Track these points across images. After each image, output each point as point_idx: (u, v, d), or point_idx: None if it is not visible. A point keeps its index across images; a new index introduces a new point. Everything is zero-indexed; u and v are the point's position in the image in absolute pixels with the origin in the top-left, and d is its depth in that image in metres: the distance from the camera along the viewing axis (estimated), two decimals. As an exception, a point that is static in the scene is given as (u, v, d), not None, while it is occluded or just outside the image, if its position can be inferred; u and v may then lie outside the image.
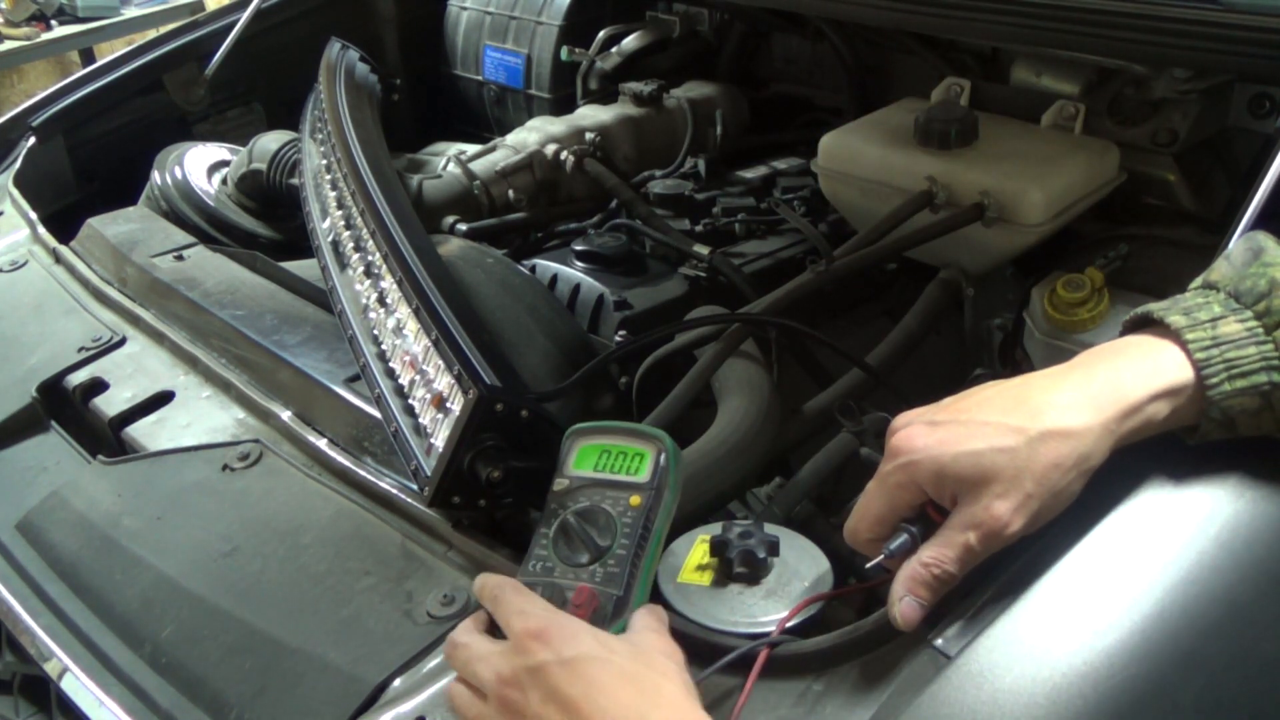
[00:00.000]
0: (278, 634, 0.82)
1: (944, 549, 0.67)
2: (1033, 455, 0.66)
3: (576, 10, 1.84)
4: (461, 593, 0.82)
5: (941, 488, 0.68)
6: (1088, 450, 0.67)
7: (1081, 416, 0.67)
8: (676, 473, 0.78)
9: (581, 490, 0.78)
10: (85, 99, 1.65)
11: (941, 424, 0.70)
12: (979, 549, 0.67)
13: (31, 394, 1.15)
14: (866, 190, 1.33)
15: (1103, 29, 1.14)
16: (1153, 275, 1.10)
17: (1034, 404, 0.68)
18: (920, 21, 1.33)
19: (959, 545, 0.67)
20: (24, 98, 1.72)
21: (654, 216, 1.45)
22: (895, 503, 0.71)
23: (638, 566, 0.74)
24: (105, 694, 0.81)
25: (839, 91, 1.73)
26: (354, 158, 1.26)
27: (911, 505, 0.71)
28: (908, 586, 0.67)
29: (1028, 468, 0.66)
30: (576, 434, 0.81)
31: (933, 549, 0.68)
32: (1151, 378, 0.69)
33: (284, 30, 1.86)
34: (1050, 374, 0.71)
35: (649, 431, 0.80)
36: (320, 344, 1.13)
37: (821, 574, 0.80)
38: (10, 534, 0.98)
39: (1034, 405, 0.68)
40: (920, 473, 0.69)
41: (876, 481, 0.72)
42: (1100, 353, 0.72)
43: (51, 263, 1.38)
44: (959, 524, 0.67)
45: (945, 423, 0.70)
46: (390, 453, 0.95)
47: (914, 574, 0.67)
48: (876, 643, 0.69)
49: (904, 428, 0.71)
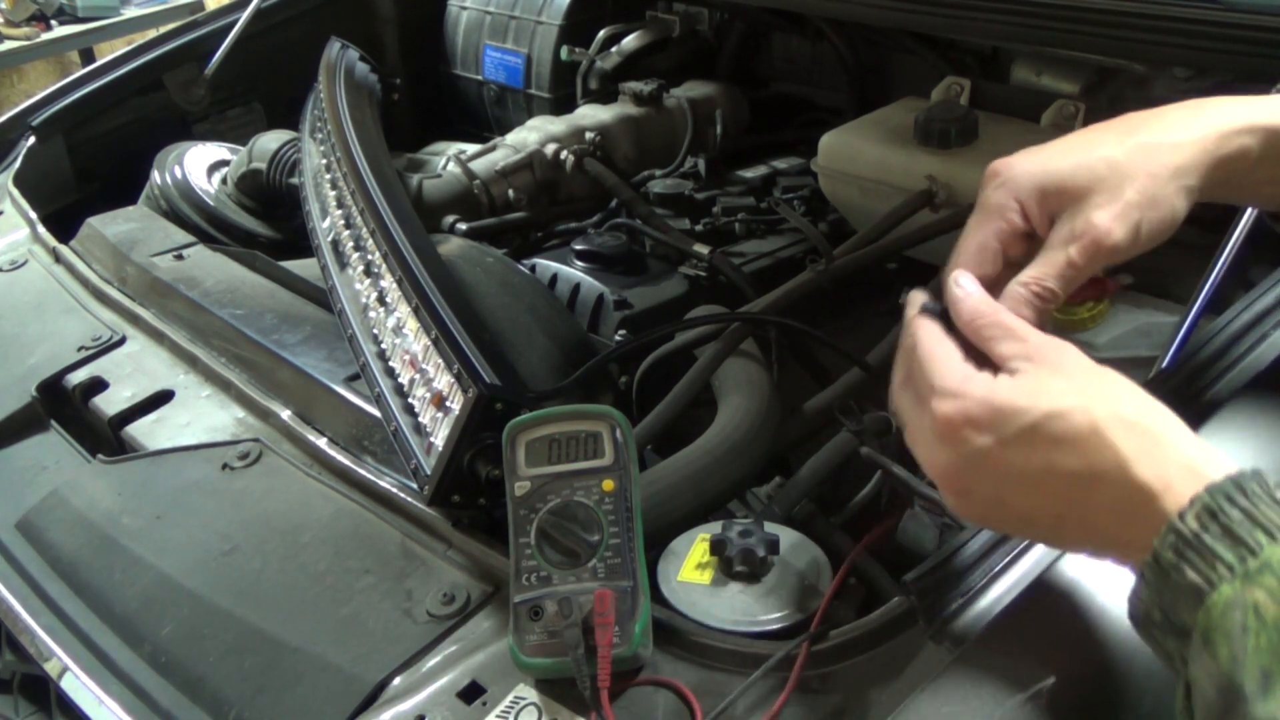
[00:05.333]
0: (277, 633, 0.82)
1: (1045, 267, 0.65)
2: (1132, 162, 0.65)
3: (576, 10, 1.84)
4: (461, 591, 0.82)
5: (1044, 202, 0.67)
6: (1186, 162, 0.66)
7: (1181, 133, 0.67)
8: (634, 441, 0.76)
9: (546, 488, 0.75)
10: (85, 99, 1.65)
11: (1039, 148, 0.69)
12: (1081, 263, 0.65)
13: (31, 393, 1.14)
14: (866, 189, 1.33)
15: (1103, 29, 1.14)
16: (1153, 274, 1.10)
17: (1136, 123, 0.68)
18: (920, 21, 1.33)
19: (1060, 262, 0.65)
20: (24, 98, 1.71)
21: (654, 216, 1.45)
22: (997, 229, 0.68)
23: (634, 550, 0.73)
24: (105, 693, 0.81)
25: (839, 91, 1.73)
26: (354, 157, 1.26)
27: (1011, 234, 0.68)
28: (1012, 307, 0.65)
29: (1128, 174, 0.65)
30: (516, 431, 0.77)
31: (1033, 269, 0.66)
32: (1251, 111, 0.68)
33: (284, 30, 1.86)
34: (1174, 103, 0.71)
35: (592, 410, 0.77)
36: (320, 343, 1.13)
37: (822, 573, 0.80)
38: (10, 533, 0.98)
39: (1136, 123, 0.68)
40: (1020, 188, 0.67)
41: (976, 209, 0.69)
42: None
43: (51, 262, 1.38)
44: (1059, 240, 0.66)
45: (1045, 147, 0.69)
46: (390, 452, 0.95)
47: (1016, 295, 0.65)
48: (877, 641, 0.69)
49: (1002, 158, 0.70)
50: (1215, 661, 0.49)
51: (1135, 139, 0.67)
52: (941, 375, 0.61)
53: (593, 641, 0.70)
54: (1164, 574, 0.52)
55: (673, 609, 0.78)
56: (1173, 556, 0.52)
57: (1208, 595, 0.50)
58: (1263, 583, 0.49)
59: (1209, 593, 0.50)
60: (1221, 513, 0.51)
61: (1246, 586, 0.49)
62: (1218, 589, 0.50)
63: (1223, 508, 0.51)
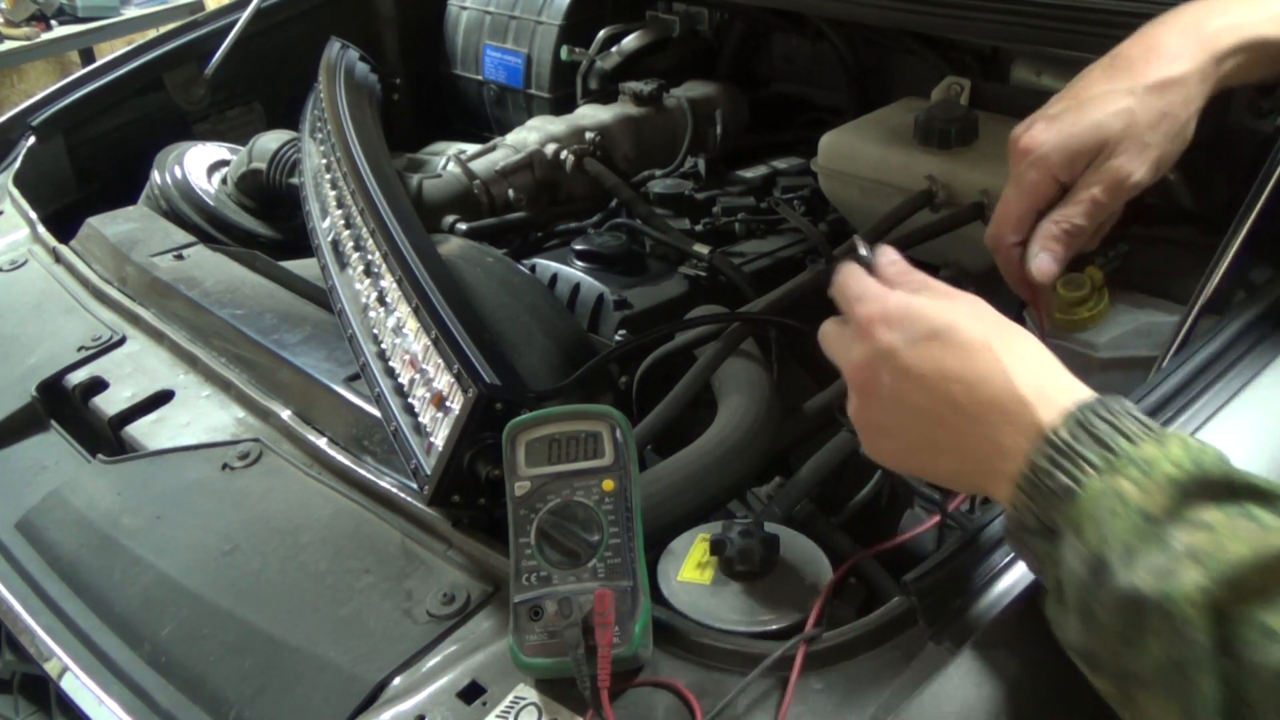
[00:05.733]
0: (277, 633, 0.82)
1: (1072, 205, 0.76)
2: (1145, 109, 0.75)
3: (576, 10, 1.84)
4: (461, 591, 0.82)
5: (1074, 167, 0.77)
6: (1192, 91, 0.76)
7: (1181, 65, 0.76)
8: (633, 441, 0.77)
9: (546, 488, 0.75)
10: (85, 99, 1.65)
11: (1057, 115, 0.78)
12: (1105, 199, 0.76)
13: (31, 393, 1.14)
14: (866, 189, 1.33)
15: (1103, 28, 1.14)
16: (1153, 274, 1.10)
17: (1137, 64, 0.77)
18: (920, 21, 1.33)
19: (1085, 200, 0.76)
20: (24, 98, 1.71)
21: (654, 216, 1.45)
22: (1035, 197, 0.78)
23: (634, 550, 0.73)
24: (105, 693, 0.81)
25: (839, 91, 1.73)
26: (354, 157, 1.26)
27: (1050, 198, 0.78)
28: (1042, 243, 0.77)
29: (1143, 121, 0.75)
30: (516, 431, 0.77)
31: (1063, 208, 0.76)
32: (1241, 28, 0.77)
33: (284, 30, 1.86)
34: (1157, 23, 0.80)
35: (592, 410, 0.77)
36: (320, 343, 1.13)
37: (822, 573, 0.80)
38: (10, 533, 0.98)
39: (1138, 65, 0.77)
40: (1052, 162, 0.76)
41: (1012, 185, 0.78)
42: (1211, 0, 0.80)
43: (51, 262, 1.38)
44: (1085, 183, 0.76)
45: (1060, 113, 0.78)
46: (390, 451, 0.95)
47: (1046, 231, 0.76)
48: (877, 641, 0.69)
49: (1025, 131, 0.79)
50: (1085, 545, 0.56)
51: (1143, 82, 0.76)
52: (864, 287, 0.70)
53: (593, 641, 0.70)
54: (1037, 481, 0.59)
55: (673, 609, 0.78)
56: (1047, 464, 0.59)
57: (1078, 492, 0.57)
58: (1126, 473, 0.56)
59: (1079, 490, 0.57)
60: (1090, 425, 0.59)
61: (1112, 477, 0.56)
62: (1087, 485, 0.57)
63: (1091, 420, 0.59)
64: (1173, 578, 0.52)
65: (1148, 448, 0.57)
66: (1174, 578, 0.52)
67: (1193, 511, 0.54)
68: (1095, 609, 0.55)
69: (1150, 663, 0.53)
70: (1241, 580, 0.51)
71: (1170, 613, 0.51)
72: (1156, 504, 0.55)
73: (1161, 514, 0.54)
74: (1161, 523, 0.54)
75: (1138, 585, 0.53)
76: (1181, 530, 0.53)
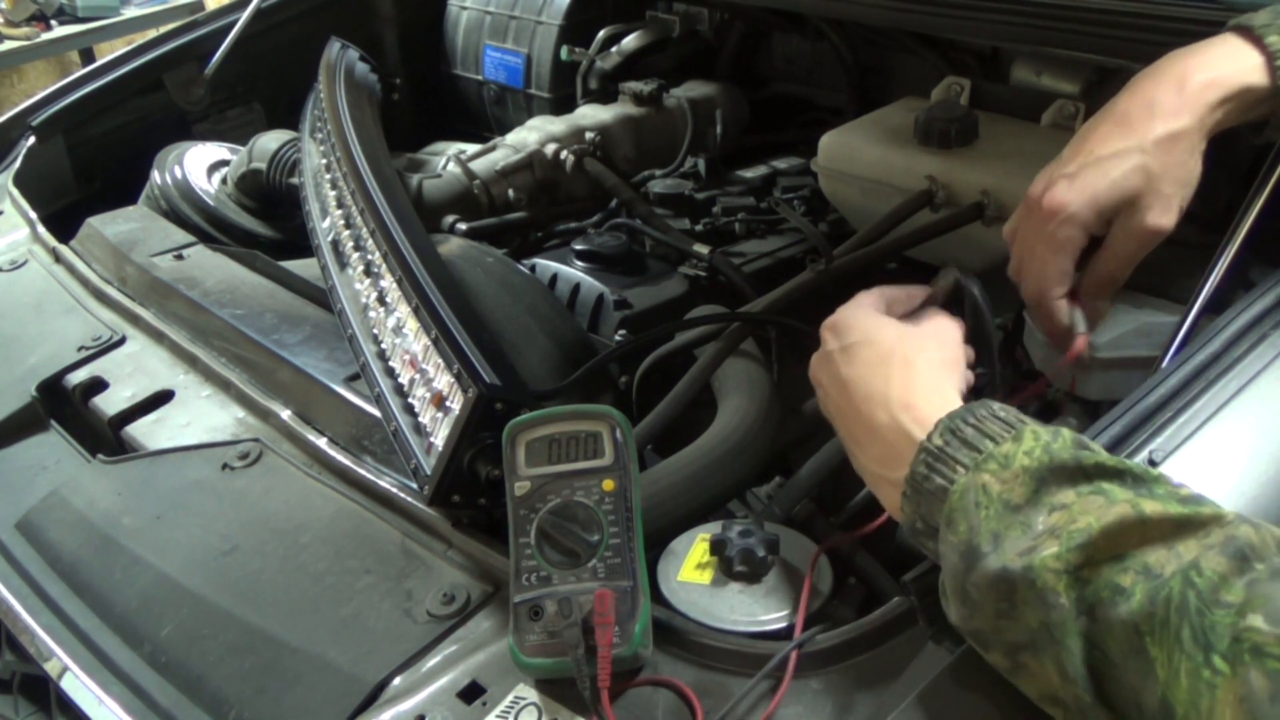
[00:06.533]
0: (277, 633, 0.82)
1: (1113, 261, 0.86)
2: (1158, 163, 0.82)
3: (576, 10, 1.84)
4: (461, 591, 0.82)
5: (1103, 221, 0.84)
6: (1196, 140, 0.83)
7: (1183, 119, 0.83)
8: (633, 441, 0.77)
9: (546, 488, 0.75)
10: (85, 99, 1.65)
11: (1075, 174, 0.84)
12: (1141, 252, 0.86)
13: (31, 393, 1.15)
14: (866, 189, 1.33)
15: (1103, 28, 1.14)
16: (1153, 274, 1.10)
17: (1140, 120, 0.84)
18: (920, 21, 1.33)
19: (1126, 255, 0.85)
20: (24, 98, 1.71)
21: (654, 216, 1.45)
22: (1070, 252, 0.85)
23: (634, 550, 0.73)
24: (105, 693, 0.81)
25: (839, 91, 1.73)
26: (354, 157, 1.26)
27: (1080, 249, 0.85)
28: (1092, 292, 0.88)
29: (1158, 174, 0.83)
30: (516, 431, 0.77)
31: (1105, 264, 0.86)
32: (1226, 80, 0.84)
33: (284, 30, 1.86)
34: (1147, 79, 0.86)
35: (592, 410, 0.77)
36: (320, 343, 1.13)
37: (822, 573, 0.80)
38: (10, 533, 0.98)
39: (1142, 122, 0.84)
40: (1081, 220, 0.84)
41: (1044, 244, 0.86)
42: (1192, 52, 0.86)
43: (51, 262, 1.38)
44: (1122, 239, 0.85)
45: (1078, 171, 0.84)
46: (390, 451, 0.95)
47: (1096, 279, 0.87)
48: (877, 641, 0.69)
49: (1046, 189, 0.85)
50: (957, 535, 0.62)
51: (1150, 138, 0.83)
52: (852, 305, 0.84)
53: (593, 641, 0.70)
54: (918, 485, 0.67)
55: (673, 609, 0.78)
56: (924, 470, 0.66)
57: (950, 490, 0.64)
58: (988, 469, 0.63)
59: (951, 488, 0.64)
60: (959, 430, 0.66)
61: (976, 474, 0.63)
62: (957, 483, 0.64)
63: (959, 427, 0.66)
64: (1035, 553, 0.58)
65: (1006, 445, 0.64)
66: (1036, 553, 0.58)
67: (1049, 495, 0.61)
68: (971, 591, 0.61)
69: (1025, 631, 0.59)
70: (1092, 545, 0.57)
71: (1034, 582, 0.58)
72: (1015, 493, 0.62)
73: (1021, 501, 0.61)
74: (1022, 509, 0.61)
75: (1006, 565, 0.59)
76: (1040, 513, 0.60)
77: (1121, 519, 0.57)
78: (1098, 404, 1.03)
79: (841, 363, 0.78)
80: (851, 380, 0.77)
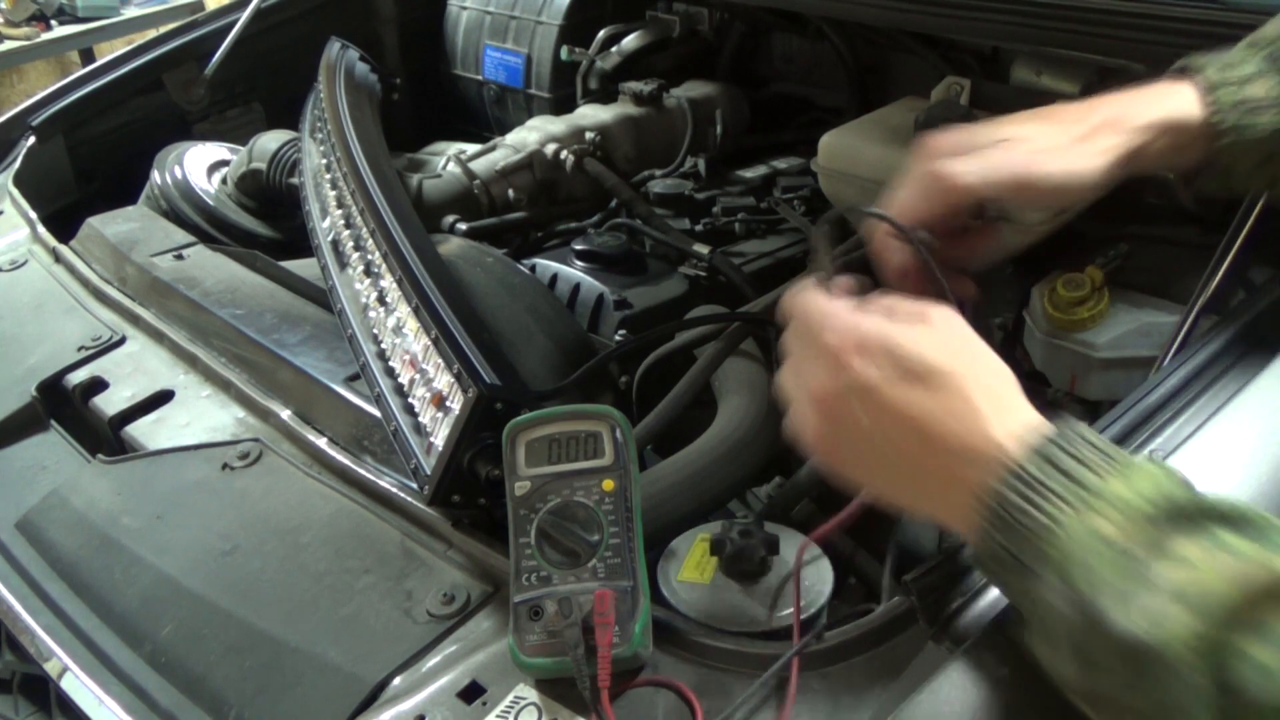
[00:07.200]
0: (277, 633, 0.82)
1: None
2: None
3: (576, 10, 1.84)
4: (461, 591, 0.82)
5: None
6: (1101, 187, 0.76)
7: (1091, 163, 0.76)
8: (633, 441, 0.77)
9: (546, 488, 0.75)
10: (85, 99, 1.65)
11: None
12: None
13: (31, 393, 1.14)
14: (867, 190, 1.33)
15: (1103, 29, 1.14)
16: (1153, 274, 1.10)
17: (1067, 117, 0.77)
18: (920, 21, 1.33)
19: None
20: (24, 98, 1.71)
21: (654, 216, 1.45)
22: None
23: (634, 550, 0.73)
24: (105, 693, 0.81)
25: (839, 91, 1.73)
26: (354, 157, 1.26)
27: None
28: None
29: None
30: (516, 431, 0.77)
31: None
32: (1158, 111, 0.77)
33: (284, 30, 1.86)
34: (1062, 117, 0.79)
35: (592, 410, 0.77)
36: (320, 343, 1.13)
37: (823, 573, 0.80)
38: (10, 533, 0.98)
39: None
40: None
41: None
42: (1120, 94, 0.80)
43: (51, 262, 1.38)
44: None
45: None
46: (390, 451, 0.95)
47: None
48: (877, 641, 0.69)
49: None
50: (1072, 588, 0.55)
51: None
52: (834, 311, 0.67)
53: (593, 641, 0.70)
54: (1009, 516, 0.58)
55: (673, 609, 0.78)
56: (1018, 499, 0.58)
57: (1056, 531, 0.56)
58: (1101, 511, 0.55)
59: (1056, 529, 0.56)
60: (1054, 457, 0.58)
61: (1089, 515, 0.56)
62: (1065, 524, 0.56)
63: (1054, 454, 0.58)
64: (1166, 621, 0.52)
65: (1114, 482, 0.57)
66: (1167, 621, 0.52)
67: (1170, 546, 0.54)
68: (1095, 654, 0.55)
69: (1153, 703, 0.53)
70: (1229, 619, 0.51)
71: (1167, 657, 0.52)
72: (1136, 542, 0.55)
73: (1142, 552, 0.54)
74: (1144, 561, 0.54)
75: (1134, 631, 0.53)
76: (1163, 567, 0.54)
77: (1255, 582, 0.52)
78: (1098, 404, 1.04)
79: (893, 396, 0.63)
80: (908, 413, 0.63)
